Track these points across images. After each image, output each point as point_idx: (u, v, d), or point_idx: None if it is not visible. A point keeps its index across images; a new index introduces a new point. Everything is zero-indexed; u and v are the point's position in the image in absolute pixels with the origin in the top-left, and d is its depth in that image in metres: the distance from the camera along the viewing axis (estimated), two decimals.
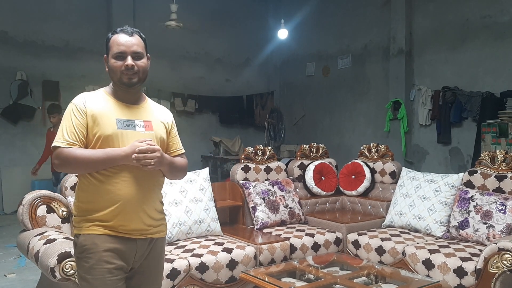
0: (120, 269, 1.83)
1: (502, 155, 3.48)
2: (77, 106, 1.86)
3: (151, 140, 1.83)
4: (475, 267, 2.80)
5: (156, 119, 1.98)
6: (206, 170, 3.71)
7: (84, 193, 1.86)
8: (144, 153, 1.77)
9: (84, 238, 1.82)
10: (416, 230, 3.63)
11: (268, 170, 4.20)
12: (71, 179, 2.97)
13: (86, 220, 1.83)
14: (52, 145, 1.83)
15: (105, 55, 1.94)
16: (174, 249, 3.11)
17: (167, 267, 2.75)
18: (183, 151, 2.12)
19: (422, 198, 3.65)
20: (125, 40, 1.88)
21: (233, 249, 3.14)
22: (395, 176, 4.23)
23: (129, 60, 1.86)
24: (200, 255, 2.99)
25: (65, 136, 1.81)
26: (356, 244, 3.60)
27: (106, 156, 1.79)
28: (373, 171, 4.38)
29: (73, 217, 1.88)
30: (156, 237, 1.95)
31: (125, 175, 1.83)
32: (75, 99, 1.90)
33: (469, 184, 3.55)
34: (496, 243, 2.71)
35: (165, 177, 2.02)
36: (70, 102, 1.89)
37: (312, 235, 3.59)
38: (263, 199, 3.85)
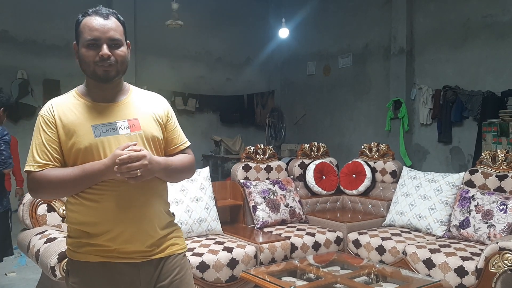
0: None
1: (503, 155, 3.48)
2: (45, 117, 1.54)
3: (135, 144, 1.50)
4: (476, 267, 2.80)
5: (144, 114, 1.62)
6: (207, 169, 3.71)
7: (73, 214, 1.57)
8: (127, 163, 1.44)
9: (79, 266, 1.56)
10: (417, 230, 3.63)
11: (268, 169, 4.20)
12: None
13: (79, 245, 1.56)
14: (24, 169, 1.55)
15: (75, 42, 1.58)
16: None
17: None
18: (188, 144, 1.76)
19: (423, 198, 3.65)
20: (100, 24, 1.51)
21: (233, 248, 3.14)
22: (395, 175, 4.23)
23: (105, 49, 1.51)
24: (200, 254, 2.99)
25: (35, 157, 1.51)
26: (356, 243, 3.60)
27: (84, 174, 1.47)
28: (373, 170, 4.38)
29: (66, 237, 1.64)
30: (164, 255, 1.62)
31: (114, 189, 1.51)
32: (42, 109, 1.57)
33: (470, 184, 3.54)
34: (497, 243, 2.71)
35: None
36: (38, 114, 1.58)
37: (313, 235, 3.59)
38: (264, 198, 3.85)
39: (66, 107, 1.56)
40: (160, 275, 1.61)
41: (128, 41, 1.62)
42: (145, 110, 1.64)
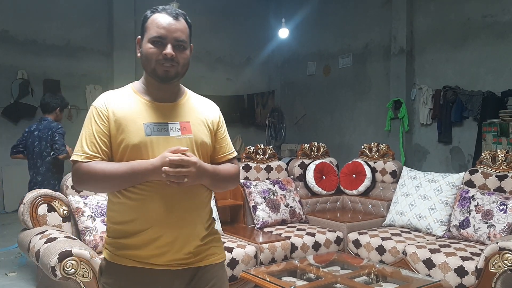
0: None
1: (503, 155, 3.48)
2: (98, 109, 1.51)
3: (186, 149, 1.46)
4: (476, 267, 2.80)
5: (196, 119, 1.59)
6: None
7: (113, 213, 1.54)
8: (177, 167, 1.40)
9: (113, 269, 1.54)
10: (417, 230, 3.63)
11: (269, 169, 4.20)
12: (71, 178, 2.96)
13: (117, 245, 1.53)
14: (70, 158, 1.52)
15: (139, 36, 1.57)
16: None
17: None
18: (235, 154, 1.71)
19: (423, 198, 3.65)
20: (168, 22, 1.50)
21: (233, 248, 3.14)
22: (395, 175, 4.23)
23: (169, 49, 1.48)
24: None
25: (84, 147, 1.48)
26: (356, 243, 3.60)
27: (132, 171, 1.44)
28: (373, 171, 4.38)
29: (105, 236, 1.62)
30: (201, 265, 1.57)
31: (158, 193, 1.47)
32: (96, 101, 1.55)
33: (470, 184, 3.54)
34: (497, 243, 2.71)
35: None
36: (91, 104, 1.56)
37: (313, 235, 3.59)
38: (264, 198, 3.85)
39: (120, 102, 1.54)
40: (195, 286, 1.56)
41: (192, 44, 1.60)
42: (197, 115, 1.61)
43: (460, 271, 2.87)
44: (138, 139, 1.48)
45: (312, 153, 4.60)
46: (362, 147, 4.65)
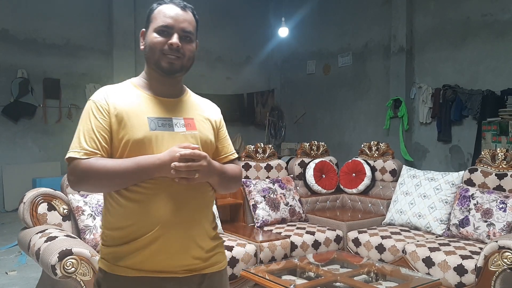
0: None
1: (502, 153, 3.48)
2: (97, 103, 1.42)
3: (198, 147, 1.39)
4: (476, 265, 2.81)
5: (200, 116, 1.53)
6: None
7: (112, 218, 1.42)
8: (187, 161, 1.33)
9: (113, 282, 1.41)
10: (417, 228, 3.63)
11: (268, 168, 4.20)
12: (68, 178, 2.96)
13: (116, 255, 1.40)
14: (66, 155, 1.39)
15: (143, 29, 1.50)
16: None
17: None
18: (236, 155, 1.66)
19: (422, 196, 3.66)
20: (176, 12, 1.44)
21: (233, 246, 3.15)
22: (395, 174, 4.24)
23: (175, 38, 1.41)
24: None
25: (82, 143, 1.37)
26: (356, 242, 3.61)
27: (137, 167, 1.34)
28: (373, 169, 4.38)
29: (100, 245, 1.49)
30: (208, 272, 1.47)
31: (164, 191, 1.38)
32: (95, 95, 1.46)
33: (469, 182, 3.55)
34: (496, 241, 2.72)
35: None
36: (88, 99, 1.46)
37: (313, 233, 3.60)
38: (264, 197, 3.86)
39: (121, 95, 1.45)
40: None
41: (197, 40, 1.52)
42: (200, 113, 1.55)
43: (460, 270, 2.87)
44: (142, 134, 1.39)
45: (312, 152, 4.60)
46: (362, 145, 4.65)
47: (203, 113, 1.56)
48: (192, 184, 1.38)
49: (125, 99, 1.44)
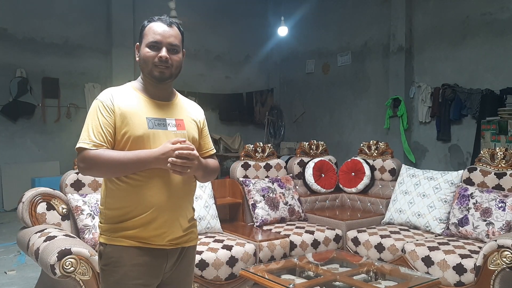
0: (148, 286, 1.72)
1: (501, 153, 3.48)
2: (104, 103, 1.69)
3: (185, 141, 1.66)
4: (475, 264, 2.81)
5: (187, 117, 1.84)
6: None
7: (112, 200, 1.70)
8: (184, 159, 1.61)
9: (111, 249, 1.68)
10: (416, 227, 3.63)
11: (267, 167, 4.20)
12: (71, 176, 2.97)
13: (114, 229, 1.69)
14: (77, 146, 1.66)
15: (137, 43, 1.80)
16: None
17: None
18: (214, 151, 1.97)
19: (421, 195, 3.66)
20: (163, 29, 1.73)
21: (233, 246, 3.14)
22: (394, 173, 4.24)
23: (164, 52, 1.71)
24: (200, 252, 2.99)
25: (91, 136, 1.65)
26: (355, 241, 3.61)
27: (137, 159, 1.63)
28: (372, 169, 4.38)
29: (99, 223, 1.76)
30: (187, 245, 1.81)
31: (157, 179, 1.68)
32: (101, 95, 1.73)
33: (468, 181, 3.55)
34: (495, 240, 2.72)
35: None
36: (95, 99, 1.73)
37: (312, 232, 3.60)
38: (263, 196, 3.85)
39: (124, 97, 1.73)
40: (179, 263, 1.80)
41: (184, 49, 1.81)
42: (188, 114, 1.85)
43: (459, 269, 2.87)
44: (142, 131, 1.68)
45: (311, 151, 4.60)
46: (361, 145, 4.65)
47: (190, 115, 1.86)
48: (184, 175, 1.67)
49: (127, 100, 1.72)
